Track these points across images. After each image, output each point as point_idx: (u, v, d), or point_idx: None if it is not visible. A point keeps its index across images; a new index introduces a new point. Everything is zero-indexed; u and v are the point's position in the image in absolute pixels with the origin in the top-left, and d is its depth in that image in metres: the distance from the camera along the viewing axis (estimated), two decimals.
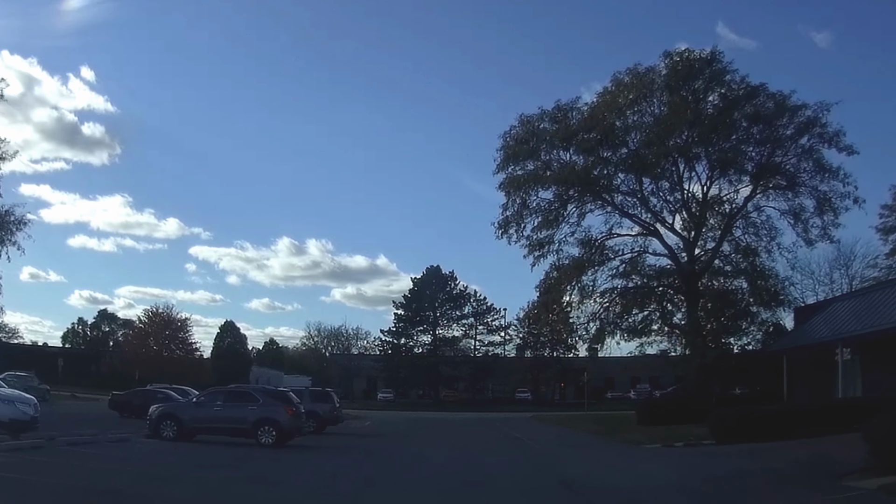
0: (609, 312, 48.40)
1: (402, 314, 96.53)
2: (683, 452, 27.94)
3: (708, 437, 30.58)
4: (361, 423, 49.51)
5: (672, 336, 50.47)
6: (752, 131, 46.84)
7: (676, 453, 27.91)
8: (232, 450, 25.77)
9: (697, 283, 47.03)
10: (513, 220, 46.25)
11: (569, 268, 45.62)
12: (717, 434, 30.13)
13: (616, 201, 46.66)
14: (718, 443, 29.38)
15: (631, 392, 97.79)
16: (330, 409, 39.68)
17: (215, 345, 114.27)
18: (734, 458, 23.79)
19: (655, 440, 32.41)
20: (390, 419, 57.86)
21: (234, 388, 31.73)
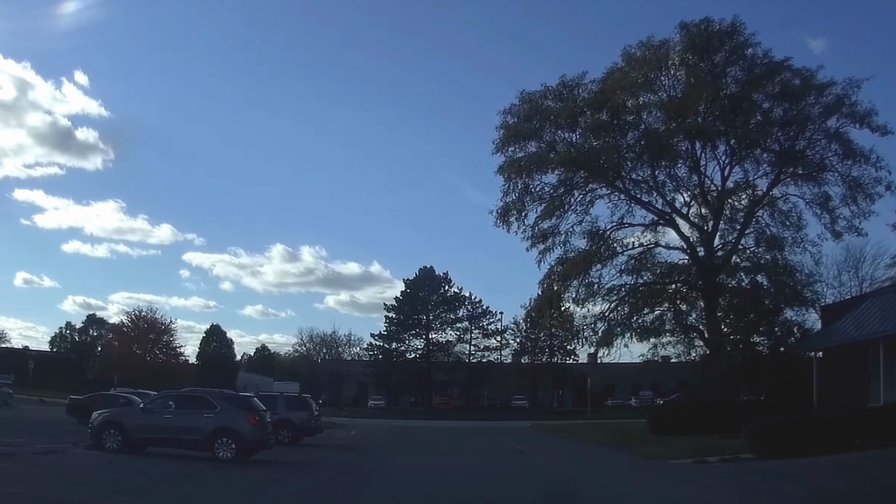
0: (618, 312, 43.51)
1: (394, 317, 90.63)
2: (725, 471, 22.87)
3: (745, 450, 25.73)
4: (346, 433, 44.36)
5: (687, 337, 45.61)
6: (776, 111, 42.12)
7: (717, 472, 22.82)
8: (181, 465, 21.34)
9: (716, 279, 42.17)
10: (513, 207, 41.10)
11: (575, 261, 40.56)
12: (757, 446, 25.34)
13: (627, 187, 41.71)
14: (760, 457, 24.70)
15: (632, 399, 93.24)
16: (307, 417, 34.66)
17: (201, 349, 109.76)
18: (796, 478, 19.31)
19: (681, 454, 27.51)
20: (379, 428, 52.77)
21: (187, 393, 26.56)
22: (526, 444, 35.41)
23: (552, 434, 45.81)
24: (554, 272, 41.27)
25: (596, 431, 44.39)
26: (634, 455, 29.16)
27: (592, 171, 40.21)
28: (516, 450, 32.53)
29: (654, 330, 43.26)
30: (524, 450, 32.00)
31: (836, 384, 35.31)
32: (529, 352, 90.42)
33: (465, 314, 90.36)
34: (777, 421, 26.31)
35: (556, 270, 41.19)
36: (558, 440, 40.38)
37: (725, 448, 27.12)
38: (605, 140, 40.17)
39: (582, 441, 38.49)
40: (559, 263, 41.17)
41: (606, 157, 40.20)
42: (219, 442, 23.14)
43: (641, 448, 31.25)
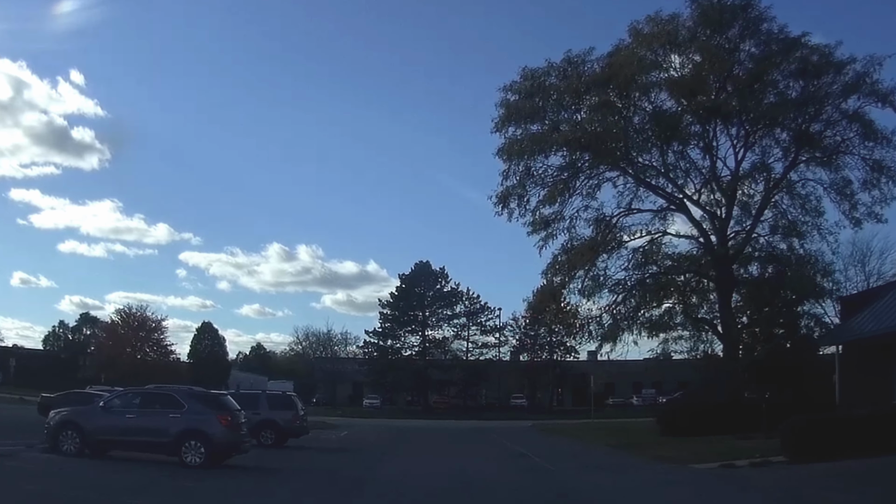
0: (625, 305, 40.62)
1: (389, 313, 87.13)
2: (759, 477, 20.01)
3: (773, 452, 23.11)
4: (336, 434, 41.45)
5: (696, 332, 42.75)
6: (792, 90, 39.23)
7: (749, 479, 19.95)
8: (141, 472, 18.88)
9: (730, 269, 39.33)
10: (514, 191, 38.02)
11: (581, 249, 37.60)
12: (790, 448, 22.58)
13: (635, 170, 38.72)
14: (794, 460, 22.01)
15: (633, 398, 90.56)
16: (292, 417, 31.79)
17: (192, 347, 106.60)
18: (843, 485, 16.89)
19: (702, 458, 24.73)
20: (373, 428, 49.86)
21: (152, 390, 23.57)
22: (528, 447, 32.50)
23: (555, 435, 42.90)
24: (558, 262, 38.36)
25: (601, 432, 41.58)
26: (649, 459, 26.22)
27: (599, 153, 37.20)
28: (518, 453, 29.60)
29: (663, 324, 40.40)
30: (527, 453, 29.02)
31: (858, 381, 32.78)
32: (529, 349, 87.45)
33: (462, 310, 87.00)
34: (811, 420, 23.53)
35: (559, 260, 38.29)
36: (562, 442, 37.43)
37: (753, 451, 24.36)
38: (612, 119, 37.10)
39: (588, 443, 35.55)
40: (564, 252, 38.28)
41: (614, 137, 37.17)
42: (187, 445, 20.45)
43: (655, 451, 28.44)
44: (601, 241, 37.93)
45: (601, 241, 37.99)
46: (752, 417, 32.57)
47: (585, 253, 37.21)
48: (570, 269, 37.79)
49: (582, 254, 37.27)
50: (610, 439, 35.39)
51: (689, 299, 42.00)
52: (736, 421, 33.12)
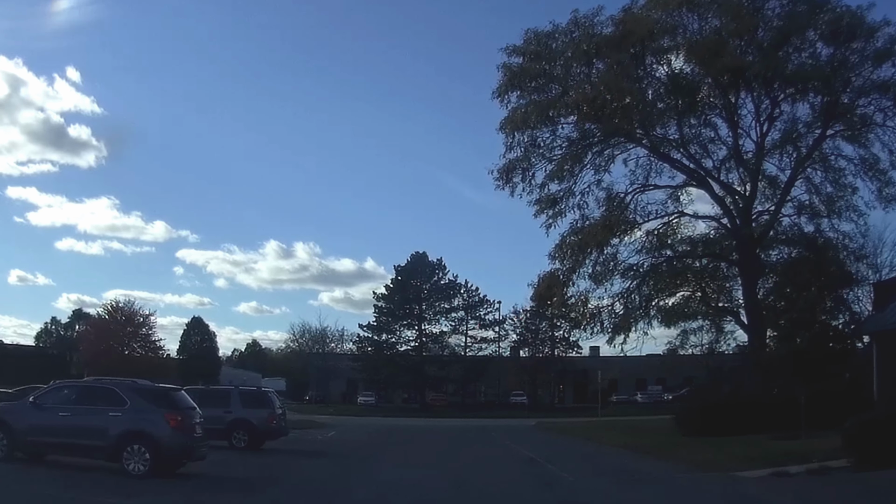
0: (640, 292, 36.61)
1: (384, 307, 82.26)
2: (826, 489, 16.05)
3: (829, 456, 19.74)
4: (323, 435, 37.39)
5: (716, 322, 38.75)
6: (821, 56, 35.28)
7: (817, 491, 16.00)
8: (65, 483, 15.57)
9: (756, 252, 35.34)
10: (518, 164, 33.80)
11: (593, 229, 33.47)
12: (854, 452, 18.88)
13: (652, 143, 34.63)
14: (861, 467, 18.29)
15: (637, 395, 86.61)
16: (267, 416, 27.61)
17: (182, 343, 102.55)
18: None
19: (744, 463, 20.71)
20: (364, 428, 45.85)
21: (90, 384, 19.48)
22: (536, 449, 28.32)
23: (562, 435, 38.75)
24: (566, 243, 34.19)
25: (612, 432, 37.56)
26: (681, 464, 22.10)
27: (611, 122, 32.92)
28: (526, 457, 25.37)
29: (681, 313, 36.42)
30: (536, 457, 24.69)
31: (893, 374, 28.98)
32: (531, 344, 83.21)
33: (460, 303, 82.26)
34: (878, 419, 19.56)
35: (568, 241, 34.15)
36: (573, 443, 33.20)
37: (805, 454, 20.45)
38: (626, 85, 32.85)
39: (601, 444, 31.31)
40: (573, 233, 34.13)
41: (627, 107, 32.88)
42: (129, 450, 16.80)
43: (682, 454, 24.38)
44: (615, 221, 33.81)
45: (616, 218, 33.85)
46: (783, 414, 28.81)
47: (598, 233, 33.03)
48: (581, 250, 33.64)
49: (594, 234, 33.09)
50: (624, 440, 31.28)
51: (708, 286, 38.02)
52: (764, 419, 29.39)
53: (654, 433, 34.21)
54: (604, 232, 33.06)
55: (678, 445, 27.50)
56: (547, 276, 34.61)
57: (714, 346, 39.33)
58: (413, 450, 29.81)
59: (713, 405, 34.78)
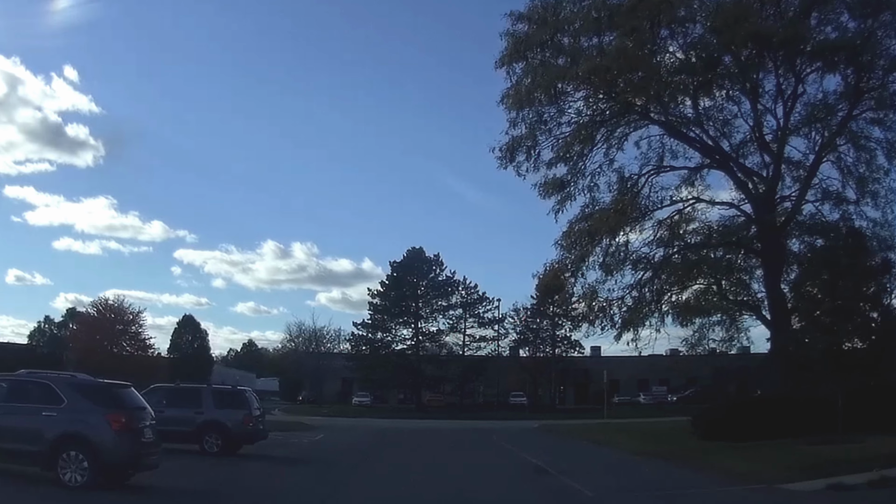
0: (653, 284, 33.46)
1: (379, 304, 78.70)
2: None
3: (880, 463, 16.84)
4: (309, 438, 34.22)
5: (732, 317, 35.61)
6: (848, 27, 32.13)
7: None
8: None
9: (780, 240, 32.22)
10: (522, 142, 30.52)
11: (605, 214, 30.29)
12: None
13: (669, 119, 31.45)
14: None
15: (640, 396, 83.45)
16: (243, 418, 24.45)
17: (172, 341, 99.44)
18: None
19: (786, 471, 17.67)
20: (356, 430, 42.77)
21: (23, 377, 16.30)
22: (543, 455, 25.11)
23: (569, 439, 35.52)
24: (574, 230, 31.01)
25: (623, 435, 34.46)
26: (713, 474, 18.90)
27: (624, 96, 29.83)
28: (533, 465, 22.12)
29: (698, 308, 33.30)
30: (545, 466, 21.36)
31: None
32: (531, 343, 79.97)
33: (458, 301, 78.79)
34: None
35: (576, 229, 30.96)
36: (583, 448, 29.97)
37: (858, 461, 17.37)
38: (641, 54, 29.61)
39: (615, 449, 28.06)
40: (583, 219, 30.97)
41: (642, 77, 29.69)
42: (65, 457, 14.16)
43: (712, 462, 21.19)
44: (628, 205, 30.60)
45: (628, 204, 30.65)
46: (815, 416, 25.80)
47: (610, 218, 29.80)
48: (591, 238, 30.41)
49: (605, 219, 29.86)
50: (640, 444, 28.13)
51: (725, 279, 34.87)
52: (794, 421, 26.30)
53: (670, 436, 31.13)
54: (616, 217, 29.82)
55: (702, 451, 24.41)
56: (554, 265, 31.42)
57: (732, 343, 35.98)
58: (406, 456, 26.70)
59: (740, 405, 31.76)
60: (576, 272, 31.20)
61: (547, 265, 31.43)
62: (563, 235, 31.11)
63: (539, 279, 31.55)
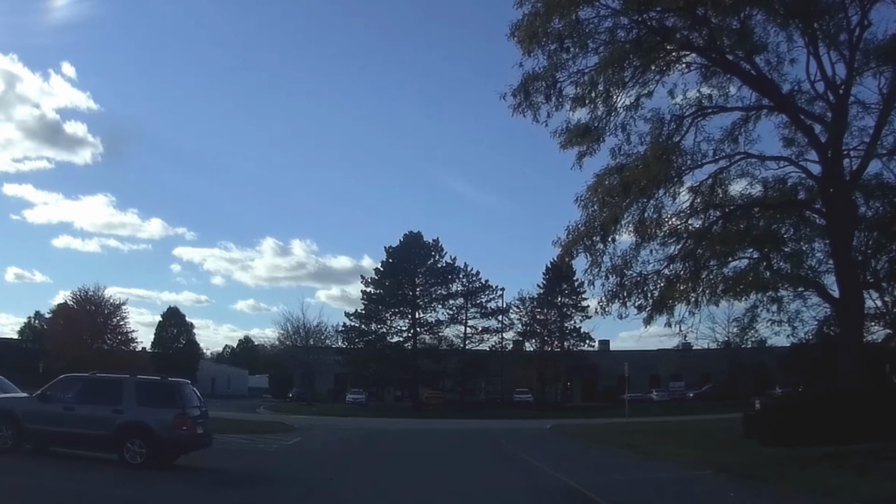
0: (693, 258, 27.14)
1: (373, 292, 71.76)
2: None
3: None
4: (281, 442, 27.87)
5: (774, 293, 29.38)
6: None
7: None
8: None
9: (850, 200, 25.94)
10: (540, 78, 24.12)
11: (644, 161, 23.79)
12: None
13: (713, 51, 24.91)
14: None
15: (653, 392, 77.06)
16: (173, 419, 18.08)
17: (156, 335, 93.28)
18: None
19: None
20: (342, 432, 36.55)
21: None
22: (570, 470, 18.63)
23: (595, 445, 28.89)
24: (603, 185, 24.46)
25: (656, 437, 28.37)
26: (821, 498, 12.85)
27: (662, 20, 23.50)
28: (565, 486, 15.90)
29: (753, 281, 26.98)
30: (581, 487, 15.36)
31: None
32: (538, 335, 73.38)
33: (459, 289, 72.07)
34: None
35: (605, 183, 24.36)
36: (619, 459, 23.09)
37: None
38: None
39: (669, 462, 21.11)
40: (614, 171, 24.49)
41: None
42: None
43: (805, 480, 15.23)
44: (673, 150, 24.14)
45: (673, 149, 24.18)
46: None
47: (650, 166, 23.31)
48: (625, 191, 23.87)
49: (646, 166, 23.41)
50: (695, 454, 21.75)
51: (780, 249, 28.57)
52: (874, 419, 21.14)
53: (724, 441, 25.08)
54: (656, 165, 23.32)
55: (777, 462, 18.26)
56: (578, 227, 24.89)
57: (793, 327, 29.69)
58: (392, 468, 20.38)
59: (809, 402, 25.52)
60: (606, 236, 24.66)
61: (570, 228, 24.95)
62: (589, 190, 24.53)
63: (561, 246, 24.95)
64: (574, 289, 72.72)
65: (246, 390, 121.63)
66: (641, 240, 25.07)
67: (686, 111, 25.18)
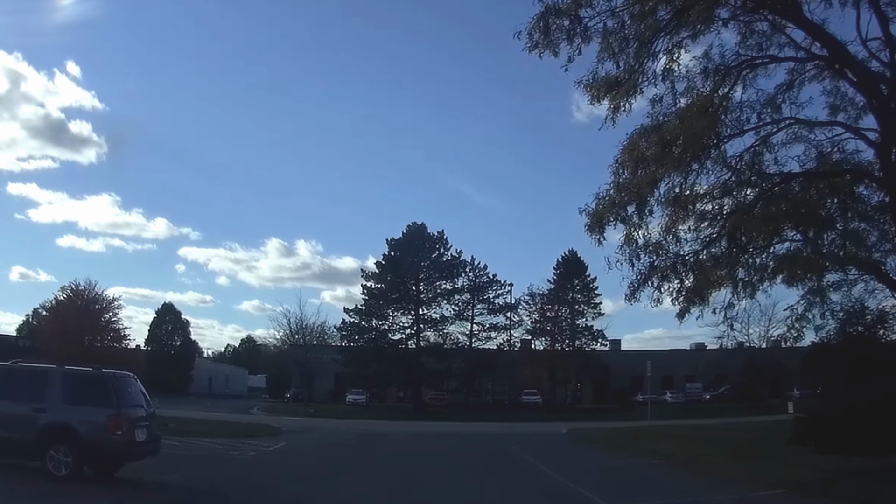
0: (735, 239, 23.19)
1: (374, 287, 67.23)
2: None
3: None
4: (262, 448, 24.13)
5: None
6: None
7: None
8: None
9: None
10: (563, 15, 20.07)
11: (688, 113, 19.69)
12: None
13: None
14: None
15: (667, 394, 72.95)
16: (107, 421, 14.27)
17: (150, 332, 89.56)
18: None
19: None
20: (334, 436, 32.70)
21: None
22: (620, 496, 15.08)
23: (622, 453, 24.92)
24: (638, 146, 20.40)
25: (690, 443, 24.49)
26: None
27: None
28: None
29: (811, 263, 22.99)
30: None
31: None
32: (549, 333, 69.16)
33: (465, 284, 67.69)
34: None
35: (640, 145, 20.25)
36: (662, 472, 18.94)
37: None
38: None
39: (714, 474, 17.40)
40: (651, 130, 20.45)
41: None
42: None
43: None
44: (720, 104, 20.13)
45: (720, 103, 20.18)
46: None
47: (695, 121, 19.40)
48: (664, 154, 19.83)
49: (689, 120, 19.38)
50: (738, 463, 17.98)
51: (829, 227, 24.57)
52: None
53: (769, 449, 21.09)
54: (700, 121, 19.28)
55: (853, 477, 14.49)
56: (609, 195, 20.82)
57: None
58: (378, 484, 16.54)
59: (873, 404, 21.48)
60: (641, 205, 20.66)
61: (600, 194, 20.82)
62: (622, 153, 20.45)
63: (589, 216, 20.85)
64: (586, 284, 68.77)
65: (245, 390, 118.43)
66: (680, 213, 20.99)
67: (732, 61, 21.09)
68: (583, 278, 68.39)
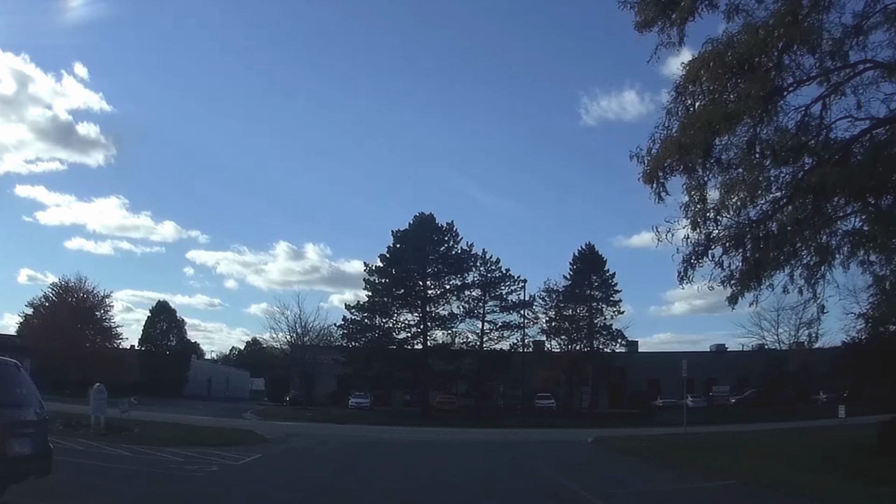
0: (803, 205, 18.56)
1: (378, 282, 62.01)
2: None
3: None
4: (226, 462, 19.67)
5: None
6: None
7: None
8: None
9: None
10: None
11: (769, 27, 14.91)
12: None
13: None
14: None
15: (688, 398, 67.99)
16: None
17: (144, 331, 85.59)
18: None
19: None
20: (325, 444, 28.25)
21: None
22: None
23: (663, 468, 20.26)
24: (709, 66, 15.27)
25: (756, 457, 19.90)
26: None
27: None
28: None
29: None
30: None
31: None
32: (565, 332, 64.41)
33: (475, 279, 62.63)
34: None
35: (711, 65, 15.31)
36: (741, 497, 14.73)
37: None
38: None
39: (803, 497, 13.29)
40: (717, 54, 15.54)
41: None
42: None
43: None
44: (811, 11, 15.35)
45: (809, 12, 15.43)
46: None
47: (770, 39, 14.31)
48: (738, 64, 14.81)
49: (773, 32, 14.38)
50: (826, 481, 13.48)
51: None
52: None
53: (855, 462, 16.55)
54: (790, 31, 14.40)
55: None
56: (672, 133, 15.92)
57: None
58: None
59: None
60: (708, 152, 15.76)
61: (654, 137, 16.03)
62: (686, 77, 15.65)
63: (648, 161, 16.04)
64: (605, 280, 64.15)
65: (247, 393, 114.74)
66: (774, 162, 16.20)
67: None
68: (601, 273, 63.80)
